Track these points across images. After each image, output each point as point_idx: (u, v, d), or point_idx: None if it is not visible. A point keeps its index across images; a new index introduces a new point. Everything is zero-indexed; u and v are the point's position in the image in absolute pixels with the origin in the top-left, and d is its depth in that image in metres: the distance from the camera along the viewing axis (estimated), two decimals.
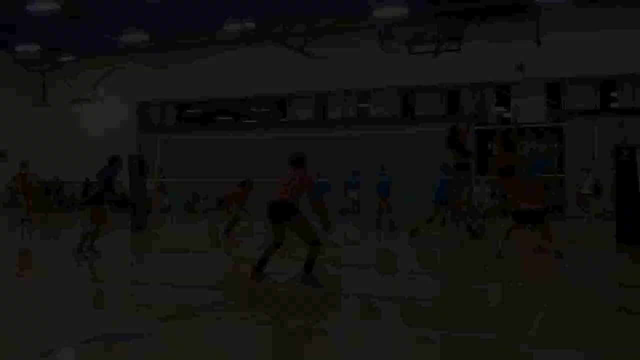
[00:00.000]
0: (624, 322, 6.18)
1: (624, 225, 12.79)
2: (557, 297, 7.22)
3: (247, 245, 13.21)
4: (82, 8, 23.32)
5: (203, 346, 5.15)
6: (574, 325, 5.92)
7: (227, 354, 4.99)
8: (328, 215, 8.09)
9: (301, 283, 7.63)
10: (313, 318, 6.26)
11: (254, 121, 34.77)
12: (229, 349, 5.14)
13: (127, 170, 17.15)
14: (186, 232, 18.47)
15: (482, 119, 26.05)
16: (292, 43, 26.91)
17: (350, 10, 25.66)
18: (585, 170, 17.88)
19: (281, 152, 25.62)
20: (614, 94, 26.28)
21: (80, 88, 32.78)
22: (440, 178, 13.93)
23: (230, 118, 35.87)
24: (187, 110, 33.89)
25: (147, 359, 4.92)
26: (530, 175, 10.67)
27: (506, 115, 29.59)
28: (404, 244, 13.40)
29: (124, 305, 7.15)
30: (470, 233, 13.44)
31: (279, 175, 8.61)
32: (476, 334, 5.48)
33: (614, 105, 26.33)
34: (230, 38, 28.09)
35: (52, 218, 23.85)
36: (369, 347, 5.08)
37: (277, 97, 30.99)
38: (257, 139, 26.78)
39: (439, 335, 5.46)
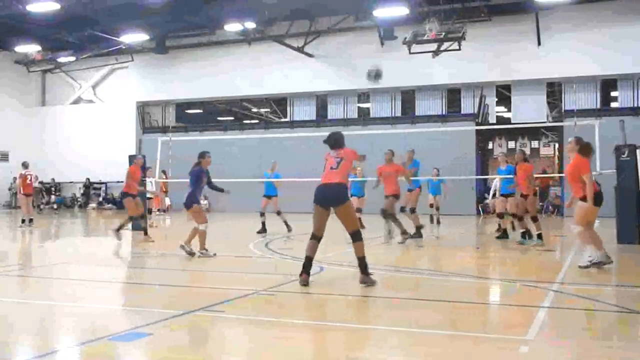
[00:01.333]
0: (624, 322, 6.18)
1: (624, 225, 12.78)
2: (557, 296, 7.21)
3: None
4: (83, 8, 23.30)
5: (203, 346, 5.14)
6: (575, 325, 5.92)
7: (227, 354, 4.98)
8: None
9: (361, 281, 7.51)
10: (314, 318, 6.26)
11: (255, 121, 34.77)
12: (229, 348, 5.14)
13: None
14: (185, 231, 18.46)
15: (483, 119, 26.03)
16: (293, 43, 26.90)
17: (350, 10, 25.67)
18: None
19: (281, 152, 25.72)
20: (614, 93, 26.26)
21: (81, 88, 32.80)
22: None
23: (231, 118, 35.88)
24: (188, 111, 33.89)
25: (147, 359, 4.92)
26: None
27: (506, 115, 29.61)
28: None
29: (124, 305, 7.15)
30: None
31: (281, 173, 8.58)
32: (476, 333, 5.48)
33: (614, 104, 26.32)
34: (230, 38, 28.09)
35: (49, 218, 23.85)
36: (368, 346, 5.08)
37: (277, 97, 30.99)
38: (257, 139, 26.76)
39: None
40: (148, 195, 17.97)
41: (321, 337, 5.43)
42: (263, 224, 15.61)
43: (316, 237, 7.70)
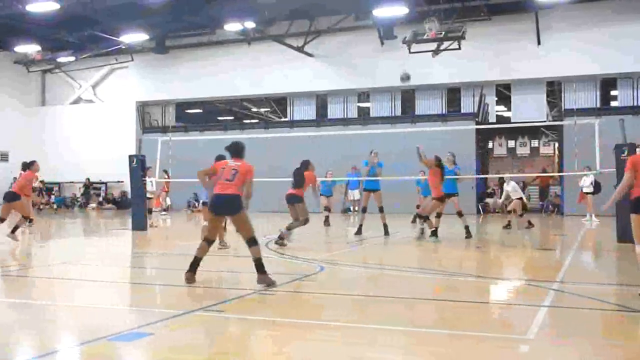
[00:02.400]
0: (624, 321, 6.18)
1: (624, 225, 12.75)
2: (558, 296, 7.21)
3: None
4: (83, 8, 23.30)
5: (203, 346, 5.15)
6: (576, 324, 5.92)
7: (227, 354, 4.99)
8: None
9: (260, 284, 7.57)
10: (314, 318, 6.27)
11: (255, 121, 34.77)
12: (229, 348, 5.14)
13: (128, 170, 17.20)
14: (185, 231, 18.47)
15: (482, 118, 26.03)
16: (292, 42, 26.90)
17: (350, 9, 25.67)
18: (587, 168, 17.89)
19: (281, 151, 25.73)
20: (614, 92, 26.25)
21: (81, 88, 32.79)
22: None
23: (231, 118, 35.87)
24: (188, 110, 33.89)
25: (147, 359, 4.92)
26: None
27: (506, 114, 29.61)
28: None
29: (124, 305, 7.15)
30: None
31: (279, 173, 8.60)
32: (476, 332, 5.48)
33: (614, 103, 26.31)
34: (230, 38, 28.09)
35: (49, 218, 23.86)
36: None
37: (278, 97, 30.99)
38: (257, 139, 26.75)
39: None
40: (148, 195, 17.97)
41: (321, 336, 5.44)
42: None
43: (208, 241, 8.06)
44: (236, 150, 8.26)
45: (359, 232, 14.83)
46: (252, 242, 7.79)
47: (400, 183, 18.92)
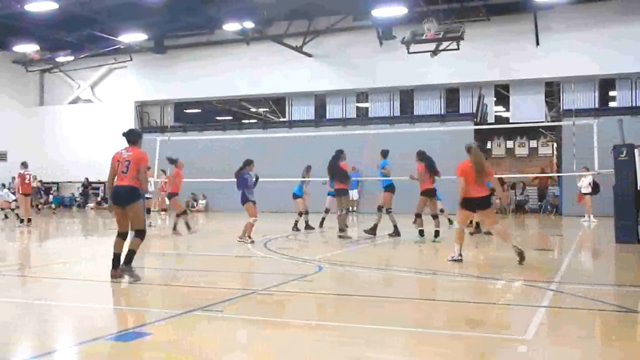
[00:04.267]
0: (623, 321, 6.20)
1: (623, 225, 12.78)
2: (556, 296, 7.22)
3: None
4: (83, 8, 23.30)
5: (203, 346, 5.15)
6: (574, 325, 5.93)
7: (226, 354, 4.99)
8: None
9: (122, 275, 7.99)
10: (313, 319, 6.27)
11: (253, 121, 34.77)
12: (228, 348, 5.15)
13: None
14: (185, 231, 18.47)
15: (481, 119, 26.04)
16: (291, 43, 26.90)
17: (348, 10, 25.68)
18: (585, 169, 17.94)
19: (280, 152, 25.67)
20: (613, 93, 26.28)
21: (79, 88, 32.77)
22: None
23: (230, 118, 35.86)
24: (186, 110, 33.89)
25: (147, 359, 4.93)
26: None
27: (505, 115, 29.64)
28: None
29: (123, 305, 7.15)
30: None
31: (278, 173, 8.61)
32: (474, 332, 5.49)
33: (612, 104, 26.34)
34: (230, 38, 28.09)
35: (47, 218, 23.84)
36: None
37: (277, 97, 30.99)
38: (256, 139, 26.76)
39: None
40: (147, 195, 17.95)
41: (321, 337, 5.44)
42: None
43: (120, 235, 8.29)
44: (131, 135, 8.64)
45: (373, 231, 14.49)
46: (138, 233, 8.21)
47: (399, 183, 18.92)
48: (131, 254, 8.01)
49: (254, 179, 13.30)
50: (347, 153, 15.18)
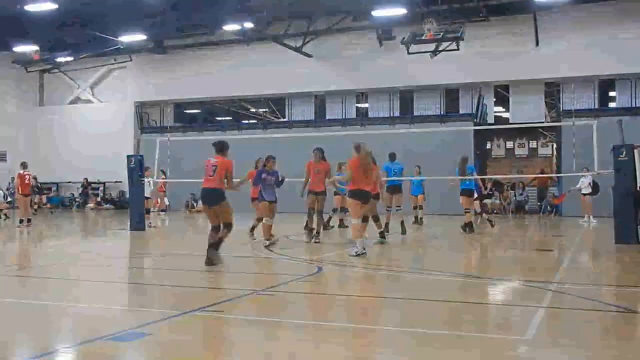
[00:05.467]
0: (622, 322, 6.20)
1: (622, 225, 12.79)
2: (556, 296, 7.23)
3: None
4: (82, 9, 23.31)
5: (203, 346, 5.16)
6: (574, 325, 5.93)
7: (226, 354, 5.00)
8: None
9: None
10: (313, 319, 6.27)
11: (253, 121, 34.74)
12: (228, 349, 5.15)
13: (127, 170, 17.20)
14: (184, 231, 18.48)
15: (481, 119, 26.04)
16: (291, 43, 26.91)
17: (348, 10, 25.68)
18: (585, 169, 17.94)
19: (280, 152, 25.61)
20: (612, 94, 26.29)
21: (79, 88, 32.77)
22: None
23: (230, 118, 35.83)
24: (186, 111, 33.87)
25: (147, 359, 4.93)
26: None
27: (504, 115, 29.64)
28: None
29: (124, 305, 7.15)
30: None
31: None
32: (474, 333, 5.49)
33: (612, 104, 26.35)
34: (229, 38, 28.09)
35: (46, 218, 23.84)
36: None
37: (276, 97, 30.98)
38: (255, 139, 26.76)
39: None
40: (147, 195, 17.96)
41: (320, 337, 5.44)
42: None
43: (214, 228, 9.53)
44: (221, 146, 9.72)
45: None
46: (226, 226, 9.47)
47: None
48: (219, 241, 9.35)
49: (274, 178, 12.43)
50: (347, 153, 15.15)
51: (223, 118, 36.12)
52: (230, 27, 25.08)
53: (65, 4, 21.92)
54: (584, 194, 20.12)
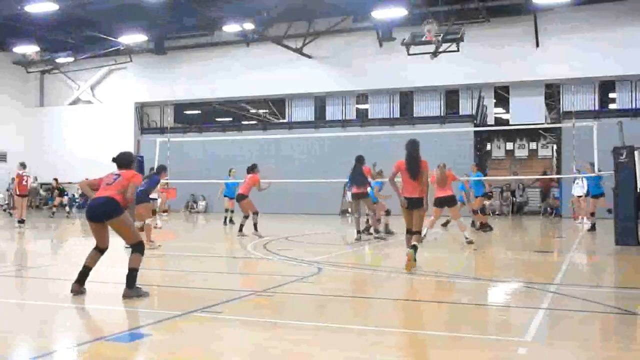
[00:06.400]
0: (622, 323, 6.19)
1: (623, 227, 12.78)
2: (555, 298, 7.22)
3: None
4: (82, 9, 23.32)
5: (202, 347, 5.15)
6: (572, 327, 5.93)
7: (225, 355, 4.99)
8: None
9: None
10: (312, 320, 6.27)
11: (253, 122, 34.77)
12: (227, 349, 5.15)
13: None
14: (184, 231, 18.48)
15: (481, 120, 26.06)
16: (291, 44, 26.92)
17: (348, 11, 25.70)
18: (577, 170, 17.92)
19: (279, 153, 25.67)
20: (612, 95, 26.30)
21: (79, 89, 32.78)
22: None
23: (229, 119, 35.87)
24: (186, 111, 33.89)
25: (147, 359, 4.93)
26: None
27: (504, 116, 29.65)
28: None
29: (123, 306, 7.14)
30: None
31: (277, 175, 8.59)
32: (473, 334, 5.49)
33: (612, 106, 26.36)
34: (229, 39, 28.11)
35: (49, 219, 23.84)
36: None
37: (276, 98, 31.00)
38: (255, 140, 26.81)
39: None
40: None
41: (320, 338, 5.44)
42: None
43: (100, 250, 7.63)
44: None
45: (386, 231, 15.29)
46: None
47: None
48: (132, 274, 7.13)
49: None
50: (347, 153, 15.21)
51: (223, 119, 36.17)
52: (231, 28, 25.09)
53: (65, 5, 21.93)
54: (578, 196, 20.08)
